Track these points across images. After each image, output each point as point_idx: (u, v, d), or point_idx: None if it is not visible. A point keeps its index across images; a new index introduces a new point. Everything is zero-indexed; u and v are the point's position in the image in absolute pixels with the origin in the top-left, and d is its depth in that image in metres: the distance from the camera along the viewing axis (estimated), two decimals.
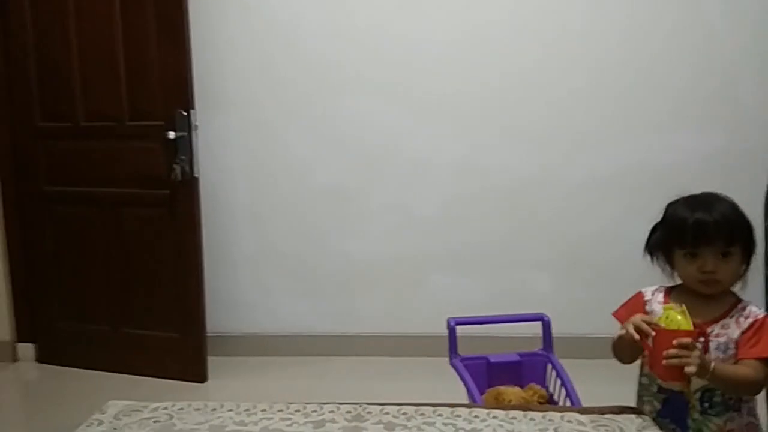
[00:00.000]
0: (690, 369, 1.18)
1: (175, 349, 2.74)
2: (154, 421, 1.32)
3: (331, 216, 2.95)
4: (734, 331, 1.30)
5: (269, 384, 2.68)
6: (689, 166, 2.74)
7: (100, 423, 1.32)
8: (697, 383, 1.30)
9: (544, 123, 2.82)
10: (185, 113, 2.58)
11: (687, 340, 1.19)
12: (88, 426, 1.30)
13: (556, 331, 1.92)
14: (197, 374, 2.72)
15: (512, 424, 1.28)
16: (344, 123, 2.89)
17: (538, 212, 2.84)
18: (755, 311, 1.32)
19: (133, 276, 2.79)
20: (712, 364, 1.22)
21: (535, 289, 2.85)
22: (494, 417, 1.31)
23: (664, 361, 1.19)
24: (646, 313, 1.38)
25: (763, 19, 2.69)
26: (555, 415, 1.32)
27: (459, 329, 1.89)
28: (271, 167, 2.94)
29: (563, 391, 1.74)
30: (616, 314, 1.47)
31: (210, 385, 2.71)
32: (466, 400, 1.77)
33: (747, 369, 1.26)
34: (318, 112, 2.89)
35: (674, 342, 1.19)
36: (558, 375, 1.78)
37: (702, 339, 1.29)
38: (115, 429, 1.29)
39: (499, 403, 1.69)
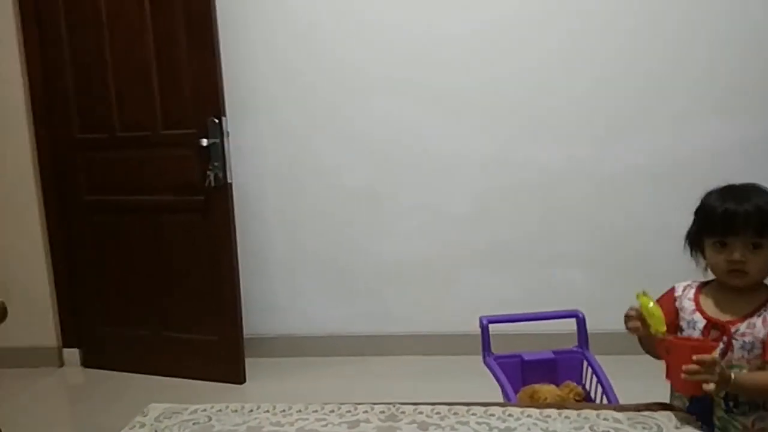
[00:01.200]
0: (709, 387, 1.14)
1: (213, 352, 2.80)
2: (194, 423, 1.35)
3: (361, 217, 2.97)
4: (761, 330, 1.26)
5: (305, 384, 2.72)
6: (721, 154, 2.69)
7: (142, 425, 1.36)
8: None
9: (573, 115, 2.79)
10: (217, 120, 2.63)
11: (707, 356, 1.15)
12: (130, 428, 1.34)
13: (591, 327, 1.90)
14: (236, 376, 2.77)
15: (547, 422, 1.27)
16: (371, 125, 2.90)
17: (569, 206, 2.81)
18: None
19: (171, 281, 2.86)
20: (733, 376, 1.18)
21: (569, 284, 2.82)
22: (528, 416, 1.30)
23: (682, 375, 1.15)
24: (676, 310, 1.36)
25: None
26: (591, 413, 1.30)
27: (492, 327, 1.88)
28: (301, 171, 2.98)
29: (599, 389, 1.72)
30: None
31: (248, 386, 2.76)
32: (500, 399, 1.77)
33: None
34: (345, 115, 2.91)
35: (693, 358, 1.15)
36: (594, 372, 1.76)
37: (725, 339, 1.26)
38: (156, 431, 1.33)
39: (535, 402, 1.68)
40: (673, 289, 1.42)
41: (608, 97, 2.75)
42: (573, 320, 1.89)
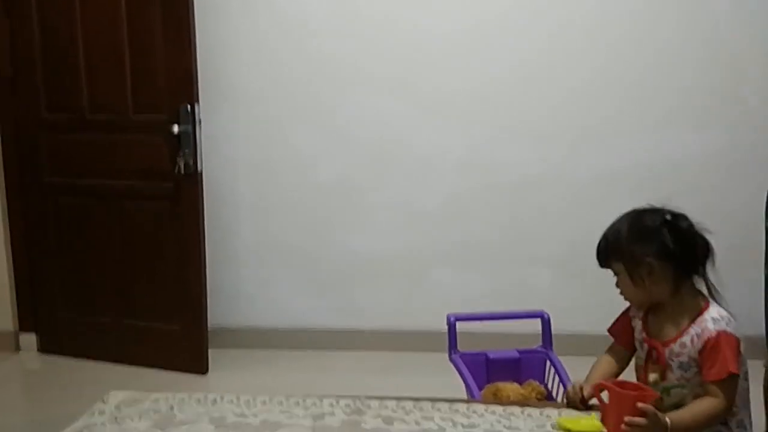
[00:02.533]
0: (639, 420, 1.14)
1: (177, 341, 2.75)
2: (155, 412, 1.33)
3: (334, 210, 2.96)
4: (692, 350, 1.28)
5: (270, 377, 2.70)
6: (693, 163, 2.76)
7: (102, 413, 1.33)
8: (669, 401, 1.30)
9: (549, 119, 2.82)
10: (190, 107, 2.59)
11: (648, 408, 1.14)
12: (90, 416, 1.32)
13: (556, 327, 1.93)
14: (199, 366, 2.74)
15: (510, 420, 1.29)
16: (348, 118, 2.89)
17: (541, 209, 2.85)
18: (710, 328, 1.27)
19: (135, 268, 2.81)
20: (668, 421, 1.17)
21: (537, 285, 2.86)
22: (492, 412, 1.32)
23: (623, 426, 1.14)
24: (632, 328, 1.41)
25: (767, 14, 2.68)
26: (552, 411, 1.33)
27: (459, 325, 1.90)
28: (275, 161, 2.95)
29: (561, 389, 1.75)
30: (610, 330, 1.48)
31: (211, 376, 2.73)
32: (465, 396, 1.78)
33: (704, 403, 1.23)
34: (322, 107, 2.90)
35: (639, 406, 1.14)
36: (556, 372, 1.78)
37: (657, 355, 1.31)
38: (116, 419, 1.30)
39: (498, 399, 1.69)
40: (628, 308, 1.45)
41: (584, 104, 2.79)
42: (538, 320, 1.92)
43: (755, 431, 1.77)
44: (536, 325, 1.94)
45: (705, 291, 1.37)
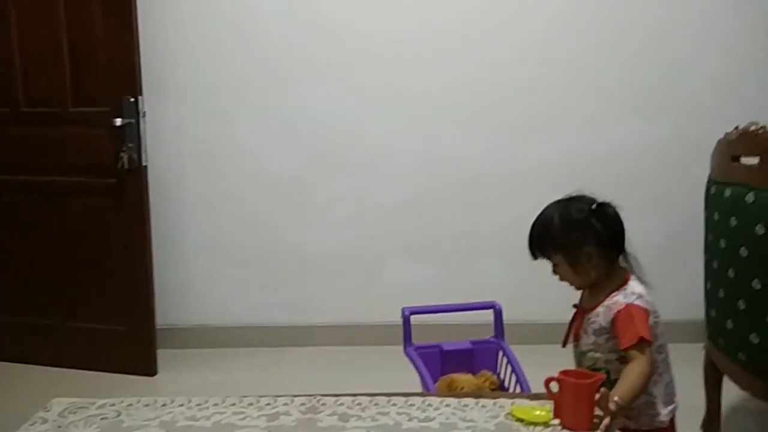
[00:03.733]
0: (605, 422, 1.18)
1: (123, 342, 2.67)
2: (102, 419, 1.28)
3: (285, 206, 2.92)
4: (604, 319, 1.38)
5: (222, 376, 2.65)
6: (638, 154, 2.84)
7: (44, 421, 1.27)
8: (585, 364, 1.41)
9: (497, 112, 2.86)
10: (133, 99, 2.51)
11: (602, 391, 1.19)
12: (31, 425, 1.26)
13: (509, 317, 1.95)
14: (146, 368, 2.66)
15: (464, 411, 1.30)
16: (300, 112, 2.86)
17: (492, 201, 2.89)
18: (621, 301, 1.37)
19: (78, 267, 2.70)
20: (617, 399, 1.22)
21: (488, 276, 2.89)
22: (447, 405, 1.32)
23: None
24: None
25: (707, 11, 2.79)
26: (506, 402, 1.34)
27: (413, 318, 1.90)
28: (224, 156, 2.89)
29: (514, 378, 1.78)
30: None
31: (160, 378, 2.65)
32: (420, 388, 1.79)
33: (631, 367, 1.31)
34: (272, 101, 2.85)
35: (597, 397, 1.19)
36: (509, 362, 1.81)
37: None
38: (59, 428, 1.25)
39: (452, 391, 1.71)
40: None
41: (532, 97, 2.84)
42: (487, 311, 1.94)
43: (692, 412, 1.90)
44: (489, 315, 1.96)
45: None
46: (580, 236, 1.39)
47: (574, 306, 1.51)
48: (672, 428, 1.45)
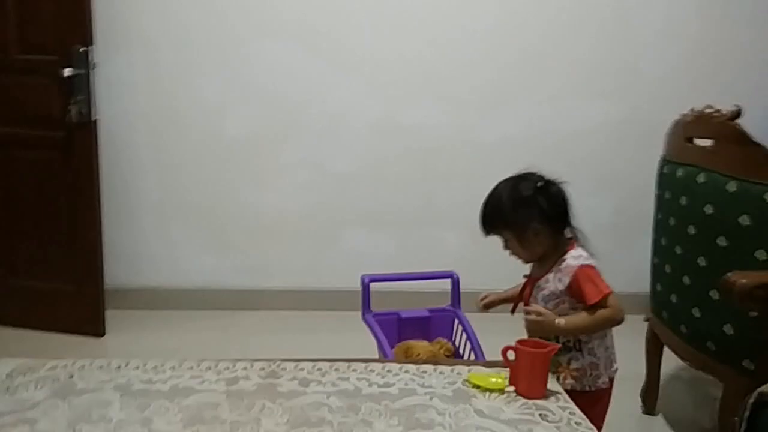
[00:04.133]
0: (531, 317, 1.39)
1: (70, 302, 2.59)
2: (53, 380, 1.24)
3: (241, 167, 2.86)
4: (554, 285, 1.46)
5: (173, 339, 2.61)
6: (595, 133, 2.89)
7: None
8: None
9: (460, 84, 2.85)
10: (83, 49, 2.39)
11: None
12: None
13: (464, 286, 1.99)
14: (94, 328, 2.60)
15: (423, 377, 1.32)
16: (258, 71, 2.78)
17: (451, 172, 2.90)
18: (572, 264, 1.45)
19: (23, 223, 2.60)
20: (562, 321, 1.39)
21: (445, 246, 2.92)
22: (406, 371, 1.34)
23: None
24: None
25: None
26: (463, 369, 1.38)
27: (371, 285, 1.91)
28: (178, 113, 2.79)
29: (468, 345, 1.82)
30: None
31: (108, 339, 2.60)
32: (376, 354, 1.81)
33: (598, 311, 1.41)
34: (230, 56, 2.76)
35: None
36: (464, 330, 1.85)
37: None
38: (8, 389, 1.21)
39: (408, 357, 1.74)
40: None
41: (493, 68, 2.84)
42: (444, 280, 1.97)
43: (632, 380, 2.00)
44: (444, 284, 1.99)
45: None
46: (527, 213, 1.46)
47: (525, 276, 1.57)
48: (610, 390, 1.53)
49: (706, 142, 1.77)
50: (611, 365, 1.51)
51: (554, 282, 1.46)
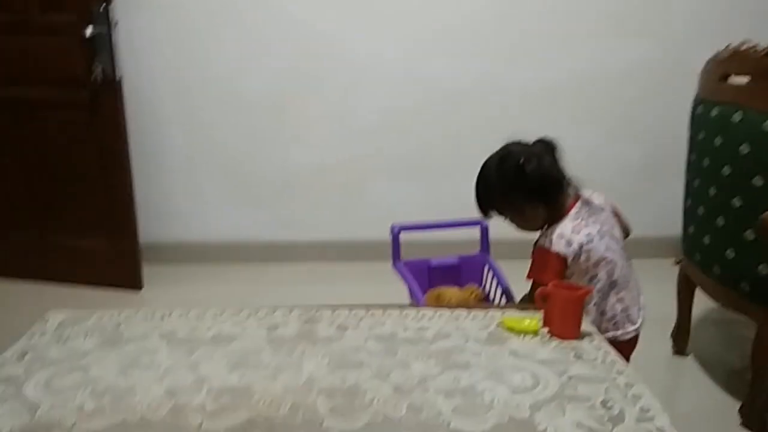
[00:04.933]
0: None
1: (107, 258, 2.66)
2: (101, 330, 1.29)
3: (266, 122, 2.86)
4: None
5: (207, 291, 2.68)
6: (625, 75, 2.83)
7: (43, 333, 1.28)
8: None
9: (484, 30, 2.79)
10: (103, 6, 2.37)
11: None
12: (29, 337, 1.26)
13: (494, 234, 1.99)
14: (132, 282, 2.67)
15: (457, 321, 1.34)
16: (281, 23, 2.75)
17: (477, 120, 2.87)
18: (540, 241, 1.50)
19: (57, 183, 2.64)
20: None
21: (472, 195, 2.91)
22: (440, 316, 1.37)
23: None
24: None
25: None
26: (496, 313, 1.39)
27: (401, 234, 1.92)
28: (202, 71, 2.79)
29: (499, 291, 1.84)
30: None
31: (146, 293, 2.68)
32: (408, 302, 1.84)
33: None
34: (253, 10, 2.73)
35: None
36: (494, 275, 1.86)
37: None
38: (60, 338, 1.26)
39: (440, 303, 1.76)
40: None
41: (518, 13, 2.77)
42: (473, 229, 1.98)
43: (662, 323, 2.06)
44: (472, 232, 2.00)
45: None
46: (518, 195, 1.49)
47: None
48: (631, 345, 1.52)
49: (743, 80, 1.72)
50: (630, 323, 1.50)
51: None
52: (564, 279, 1.44)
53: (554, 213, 1.50)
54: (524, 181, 1.46)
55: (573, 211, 1.49)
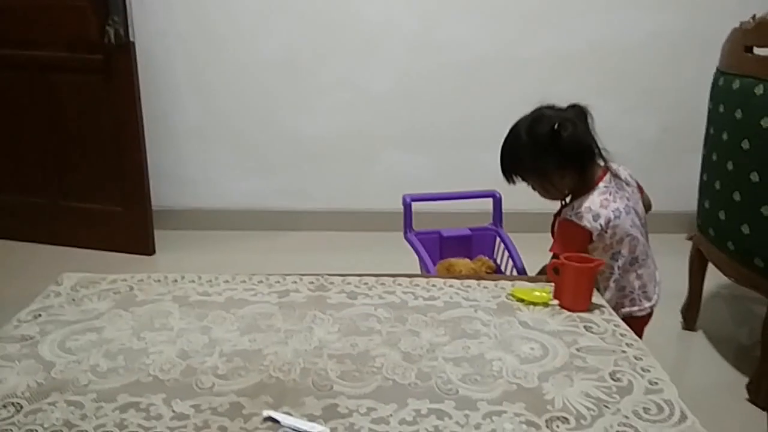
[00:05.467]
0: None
1: (120, 222, 2.68)
2: (114, 293, 1.31)
3: (278, 89, 2.84)
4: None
5: (220, 257, 2.70)
6: (644, 45, 2.77)
7: (58, 294, 1.30)
8: None
9: None
10: None
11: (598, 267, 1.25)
12: (45, 298, 1.28)
13: (506, 205, 1.98)
14: (144, 247, 2.70)
15: (467, 291, 1.34)
16: None
17: (492, 89, 2.83)
18: (566, 213, 1.44)
19: (70, 147, 2.65)
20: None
21: (487, 165, 2.86)
22: (450, 286, 1.37)
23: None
24: None
25: None
26: (506, 284, 1.39)
27: (413, 205, 1.92)
28: (214, 35, 2.76)
29: (510, 263, 1.83)
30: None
31: (158, 258, 2.70)
32: (418, 272, 1.84)
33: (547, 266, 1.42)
34: None
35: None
36: (506, 247, 1.86)
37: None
38: (73, 300, 1.28)
39: (450, 273, 1.77)
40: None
41: None
42: (485, 200, 1.96)
43: (673, 297, 2.03)
44: (484, 204, 1.99)
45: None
46: (548, 160, 1.41)
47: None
48: (644, 321, 1.51)
49: (767, 51, 1.68)
50: (647, 300, 1.48)
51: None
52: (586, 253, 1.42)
53: (581, 183, 1.44)
54: (557, 147, 1.38)
55: (602, 184, 1.43)
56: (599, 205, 1.42)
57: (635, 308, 1.48)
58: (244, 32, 2.75)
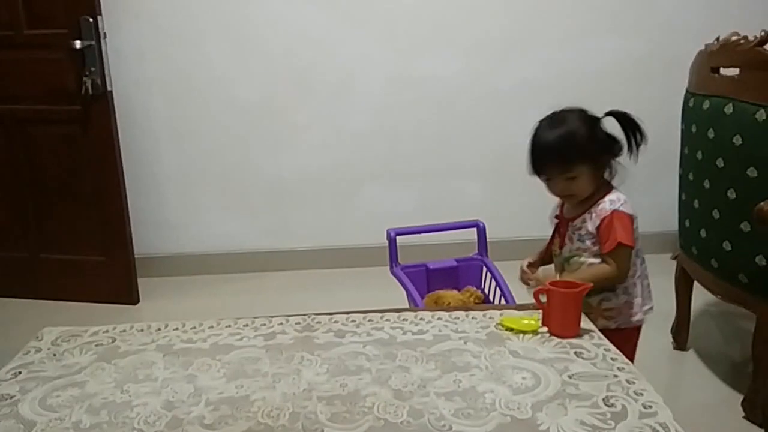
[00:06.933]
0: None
1: (102, 273, 2.65)
2: (97, 345, 1.28)
3: (256, 131, 2.85)
4: (589, 225, 1.44)
5: (204, 302, 2.67)
6: (614, 71, 2.83)
7: (38, 350, 1.26)
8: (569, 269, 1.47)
9: (473, 31, 2.79)
10: (91, 19, 2.37)
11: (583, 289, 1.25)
12: (25, 353, 1.25)
13: (490, 234, 1.99)
14: (128, 296, 2.66)
15: (456, 323, 1.33)
16: (266, 32, 2.75)
17: (469, 120, 2.87)
18: (607, 208, 1.42)
19: (50, 198, 2.63)
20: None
21: (468, 196, 2.92)
22: (439, 318, 1.36)
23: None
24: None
25: None
26: (495, 313, 1.39)
27: (397, 238, 1.92)
28: (191, 80, 2.78)
29: (498, 292, 1.83)
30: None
31: (143, 306, 2.66)
32: (406, 306, 1.83)
33: (599, 267, 1.42)
34: (237, 18, 2.72)
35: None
36: (493, 276, 1.86)
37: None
38: (54, 355, 1.24)
39: (439, 306, 1.76)
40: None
41: (505, 12, 2.77)
42: (470, 231, 1.97)
43: (661, 318, 2.01)
44: (468, 234, 1.99)
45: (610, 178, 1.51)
46: (601, 146, 1.43)
47: (556, 217, 1.55)
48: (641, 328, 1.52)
49: (733, 72, 1.72)
50: (648, 302, 1.49)
51: (590, 222, 1.44)
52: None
53: (603, 183, 1.45)
54: (602, 136, 1.43)
55: (615, 191, 1.47)
56: (626, 201, 1.44)
57: (647, 307, 1.49)
58: (220, 76, 2.78)
